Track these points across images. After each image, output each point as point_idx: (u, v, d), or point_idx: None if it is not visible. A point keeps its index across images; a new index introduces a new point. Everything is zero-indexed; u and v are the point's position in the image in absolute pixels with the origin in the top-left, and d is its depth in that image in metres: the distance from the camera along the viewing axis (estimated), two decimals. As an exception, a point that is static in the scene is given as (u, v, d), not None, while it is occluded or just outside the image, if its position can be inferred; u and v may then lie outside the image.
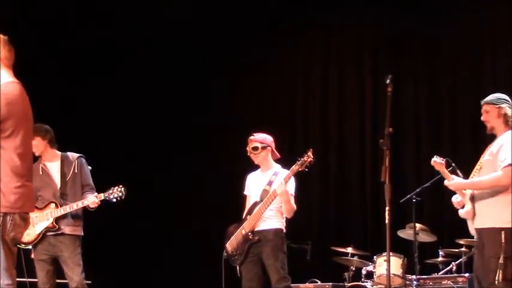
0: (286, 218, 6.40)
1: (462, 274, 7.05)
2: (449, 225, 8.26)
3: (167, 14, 9.37)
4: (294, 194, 6.34)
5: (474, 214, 5.30)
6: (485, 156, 5.36)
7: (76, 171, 6.32)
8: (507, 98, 5.46)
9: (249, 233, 6.30)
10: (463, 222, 7.90)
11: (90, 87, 9.44)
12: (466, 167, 7.56)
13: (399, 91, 8.37)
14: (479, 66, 8.74)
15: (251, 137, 6.47)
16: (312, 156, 6.15)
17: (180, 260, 9.19)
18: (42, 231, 6.18)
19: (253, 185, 6.51)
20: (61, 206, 6.18)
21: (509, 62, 8.45)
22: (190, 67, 9.73)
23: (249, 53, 9.74)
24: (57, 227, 6.17)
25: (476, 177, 5.33)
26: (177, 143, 9.64)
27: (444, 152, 8.14)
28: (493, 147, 5.33)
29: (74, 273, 6.10)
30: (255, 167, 6.58)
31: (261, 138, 6.45)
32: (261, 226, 6.31)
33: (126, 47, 9.60)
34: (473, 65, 8.78)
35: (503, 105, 5.39)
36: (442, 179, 7.37)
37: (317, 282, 7.82)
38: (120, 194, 6.21)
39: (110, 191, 6.21)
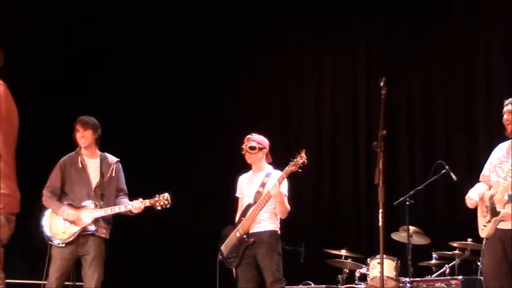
0: (280, 219, 6.39)
1: (455, 277, 7.04)
2: (443, 227, 8.29)
3: (166, 14, 9.46)
4: (287, 195, 6.35)
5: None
6: None
7: (113, 174, 6.30)
8: None
9: (244, 235, 6.31)
10: (457, 224, 7.96)
11: (86, 85, 9.42)
12: (459, 170, 7.62)
13: (393, 93, 8.38)
14: (472, 68, 8.76)
15: (249, 136, 6.49)
16: (305, 157, 6.16)
17: (175, 260, 9.17)
18: (78, 231, 6.10)
19: (246, 187, 6.52)
20: (100, 207, 6.13)
21: (503, 64, 8.46)
22: (189, 67, 9.70)
23: (246, 53, 9.73)
24: (95, 228, 6.12)
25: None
26: (176, 142, 9.60)
27: (438, 155, 8.21)
28: None
29: (94, 275, 6.07)
30: (248, 167, 6.57)
31: (259, 139, 6.48)
32: (256, 228, 6.32)
33: (122, 46, 9.59)
34: (466, 67, 8.79)
35: None
36: (436, 181, 7.43)
37: (310, 285, 7.84)
38: (167, 203, 6.18)
39: (156, 198, 6.17)
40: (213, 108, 9.86)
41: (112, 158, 6.39)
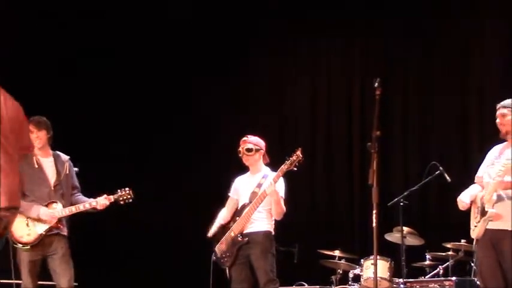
0: (274, 220, 6.41)
1: (449, 278, 7.05)
2: (437, 228, 8.30)
3: (166, 14, 9.52)
4: (284, 197, 6.33)
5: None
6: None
7: (68, 172, 6.31)
8: None
9: (238, 235, 6.31)
10: (450, 226, 7.99)
11: (86, 85, 9.47)
12: (454, 171, 7.65)
13: (390, 93, 8.41)
14: (467, 68, 8.77)
15: (245, 138, 6.48)
16: (301, 155, 6.16)
17: (170, 260, 9.20)
18: (44, 232, 6.10)
19: (242, 188, 6.51)
20: (64, 206, 6.13)
21: (502, 64, 8.47)
22: (189, 67, 9.73)
23: (246, 53, 9.74)
24: (61, 227, 6.14)
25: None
26: (175, 142, 9.62)
27: (432, 156, 8.23)
28: None
29: (66, 273, 6.07)
30: (246, 168, 6.59)
31: (255, 141, 6.48)
32: (250, 228, 6.32)
33: (122, 46, 9.63)
34: (464, 67, 8.80)
35: None
36: (430, 182, 7.46)
37: (304, 285, 7.83)
38: (129, 197, 6.27)
39: (119, 193, 6.23)
40: (212, 108, 9.88)
41: (64, 156, 6.39)
